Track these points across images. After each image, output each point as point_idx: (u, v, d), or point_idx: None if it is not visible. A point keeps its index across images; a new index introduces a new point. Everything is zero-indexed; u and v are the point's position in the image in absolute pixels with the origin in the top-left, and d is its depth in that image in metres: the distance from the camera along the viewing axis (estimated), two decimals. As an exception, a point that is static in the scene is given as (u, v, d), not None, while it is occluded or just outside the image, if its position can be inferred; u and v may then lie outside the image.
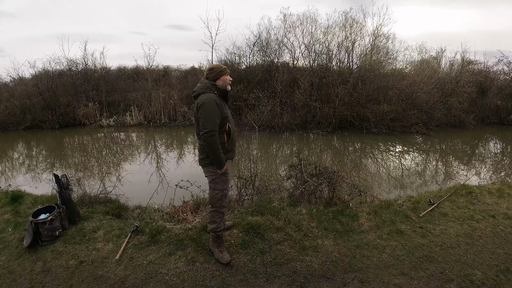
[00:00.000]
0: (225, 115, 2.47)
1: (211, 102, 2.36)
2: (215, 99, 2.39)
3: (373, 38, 12.41)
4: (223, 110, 2.47)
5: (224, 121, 2.47)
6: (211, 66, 2.57)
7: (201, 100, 2.39)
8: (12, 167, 7.48)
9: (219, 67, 2.55)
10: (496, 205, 3.86)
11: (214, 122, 2.36)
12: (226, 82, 2.56)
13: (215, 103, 2.37)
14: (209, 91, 2.44)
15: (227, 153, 2.57)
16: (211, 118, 2.35)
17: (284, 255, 2.77)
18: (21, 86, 12.53)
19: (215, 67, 2.55)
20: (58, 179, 3.48)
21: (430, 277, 2.51)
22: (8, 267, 2.63)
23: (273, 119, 10.41)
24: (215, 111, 2.36)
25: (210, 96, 2.40)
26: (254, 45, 12.48)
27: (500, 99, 12.53)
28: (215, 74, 2.52)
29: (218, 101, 2.42)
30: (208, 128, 2.34)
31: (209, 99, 2.36)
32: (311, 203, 3.85)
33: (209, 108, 2.35)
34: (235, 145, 2.70)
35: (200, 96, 2.44)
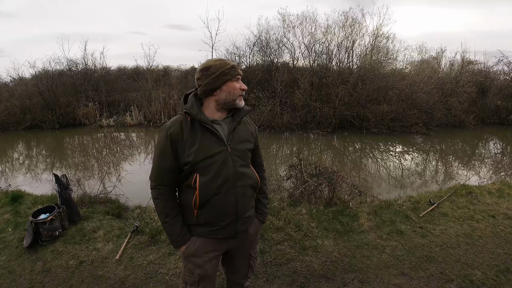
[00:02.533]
0: (187, 157, 1.32)
1: (162, 134, 1.35)
2: (168, 129, 1.33)
3: (373, 38, 12.42)
4: (185, 147, 1.33)
5: (186, 168, 1.34)
6: (206, 65, 1.36)
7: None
8: (12, 167, 7.48)
9: (220, 65, 1.35)
10: (496, 205, 3.86)
11: (157, 171, 1.38)
12: (235, 94, 1.37)
13: (164, 137, 1.33)
14: (180, 111, 1.40)
15: (198, 226, 1.42)
16: (154, 162, 1.40)
17: (284, 255, 2.77)
18: (21, 86, 12.52)
19: (213, 65, 1.35)
20: (58, 179, 3.48)
21: (430, 277, 2.50)
22: (8, 267, 2.63)
23: (273, 119, 10.41)
24: (163, 152, 1.35)
25: (170, 121, 1.38)
26: (254, 45, 12.49)
27: (500, 99, 12.53)
28: (213, 79, 1.34)
29: (172, 132, 1.33)
30: (150, 176, 1.42)
31: (162, 128, 1.38)
32: (311, 203, 3.85)
33: (157, 147, 1.39)
34: (225, 217, 1.40)
35: None
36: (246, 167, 1.44)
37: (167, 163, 1.35)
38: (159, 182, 1.38)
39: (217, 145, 1.34)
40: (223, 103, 1.38)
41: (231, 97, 1.37)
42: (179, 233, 1.39)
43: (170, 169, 1.36)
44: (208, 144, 1.33)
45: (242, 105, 1.42)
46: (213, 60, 1.37)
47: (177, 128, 1.33)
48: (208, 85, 1.35)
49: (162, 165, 1.36)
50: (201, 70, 1.36)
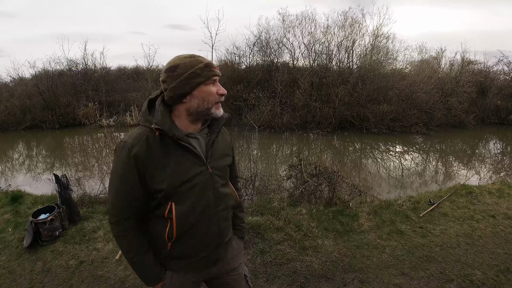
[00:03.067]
0: (159, 183, 1.05)
1: (122, 154, 1.04)
2: (131, 148, 1.02)
3: (373, 38, 12.42)
4: (156, 170, 1.05)
5: (157, 196, 1.07)
6: (173, 63, 1.05)
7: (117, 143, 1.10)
8: (12, 167, 7.48)
9: (190, 64, 1.04)
10: (496, 205, 3.86)
11: (119, 202, 1.08)
12: (210, 101, 1.09)
13: (126, 159, 1.03)
14: (144, 122, 1.09)
15: (172, 260, 1.18)
16: (112, 191, 1.09)
17: (284, 255, 2.77)
18: (21, 86, 12.52)
19: (181, 64, 1.04)
20: (58, 179, 3.48)
21: (430, 277, 2.50)
22: (8, 267, 2.63)
23: (273, 119, 10.41)
24: (125, 178, 1.05)
25: (132, 136, 1.06)
26: (254, 45, 12.50)
27: (500, 99, 12.53)
28: (180, 82, 1.04)
29: (138, 152, 1.02)
30: (108, 209, 1.17)
31: (122, 146, 1.05)
32: (311, 203, 3.85)
33: (115, 171, 1.08)
34: (206, 247, 1.18)
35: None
36: (226, 187, 1.23)
37: (132, 192, 1.05)
38: (122, 215, 1.09)
39: (196, 165, 1.09)
40: (196, 112, 1.08)
41: (205, 105, 1.07)
42: (152, 271, 1.14)
43: (136, 198, 1.07)
44: (185, 165, 1.07)
45: (220, 114, 1.12)
46: (182, 57, 1.05)
47: (143, 146, 1.02)
48: (174, 90, 1.04)
49: (125, 195, 1.06)
50: (166, 71, 1.05)
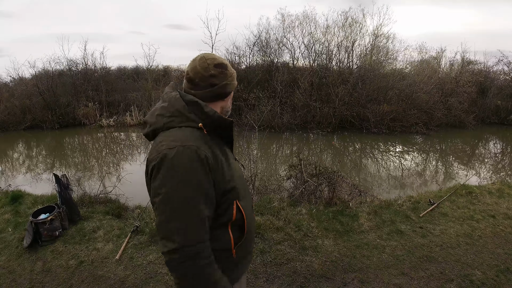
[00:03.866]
0: (228, 183, 1.00)
1: (190, 161, 0.90)
2: (198, 151, 0.92)
3: (373, 38, 12.43)
4: (223, 170, 0.98)
5: (226, 198, 1.00)
6: (222, 61, 1.07)
7: (164, 152, 0.91)
8: (12, 167, 7.48)
9: (231, 67, 1.12)
10: (496, 205, 3.86)
11: (196, 223, 0.90)
12: (228, 105, 1.15)
13: (199, 164, 0.91)
14: (186, 122, 0.98)
15: (237, 266, 1.09)
16: (185, 211, 0.89)
17: (284, 255, 2.77)
18: (21, 86, 12.52)
19: (228, 65, 1.08)
20: (58, 179, 3.48)
21: (430, 277, 2.50)
22: (8, 267, 2.63)
23: (273, 119, 10.41)
24: (202, 189, 0.91)
25: (187, 139, 0.93)
26: (254, 45, 12.50)
27: (500, 99, 12.53)
28: (231, 81, 1.09)
29: (207, 154, 0.93)
30: (179, 241, 0.88)
31: (182, 151, 0.90)
32: (311, 203, 3.85)
33: (185, 185, 0.89)
34: (252, 242, 1.20)
35: (161, 137, 0.98)
36: None
37: (210, 202, 0.93)
38: (201, 240, 0.90)
39: (235, 161, 1.16)
40: (226, 111, 1.15)
41: (230, 107, 1.18)
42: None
43: (211, 210, 0.95)
44: (232, 159, 1.10)
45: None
46: (222, 57, 1.12)
47: (206, 147, 0.94)
48: (226, 87, 1.08)
49: (203, 210, 0.90)
50: (219, 66, 1.05)
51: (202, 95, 1.05)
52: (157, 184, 0.91)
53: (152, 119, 1.03)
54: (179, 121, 0.98)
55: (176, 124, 0.98)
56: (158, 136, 1.00)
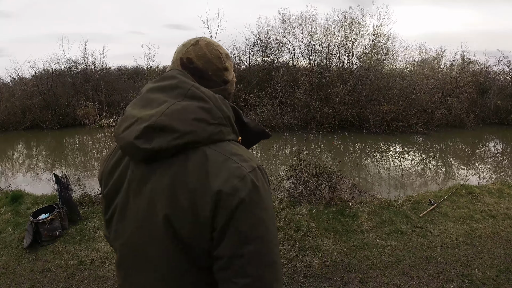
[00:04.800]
0: None
1: (268, 188, 0.70)
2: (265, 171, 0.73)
3: (373, 38, 12.43)
4: None
5: None
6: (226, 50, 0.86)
7: (250, 178, 0.64)
8: (12, 167, 7.48)
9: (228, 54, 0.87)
10: (496, 205, 3.86)
11: (279, 258, 0.71)
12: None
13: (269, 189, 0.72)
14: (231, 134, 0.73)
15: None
16: (274, 247, 0.68)
17: (284, 255, 2.77)
18: (21, 86, 12.51)
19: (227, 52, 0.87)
20: (58, 179, 3.48)
21: (430, 277, 2.50)
22: (8, 267, 2.63)
23: (273, 119, 10.41)
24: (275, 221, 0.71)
25: (252, 157, 0.71)
26: (254, 45, 12.50)
27: (500, 99, 12.53)
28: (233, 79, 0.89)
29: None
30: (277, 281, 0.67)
31: (262, 174, 0.69)
32: (311, 203, 3.85)
33: (269, 213, 0.67)
34: None
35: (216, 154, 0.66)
36: None
37: None
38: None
39: None
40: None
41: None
42: None
43: None
44: None
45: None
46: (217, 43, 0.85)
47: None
48: (233, 86, 0.89)
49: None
50: (229, 57, 0.85)
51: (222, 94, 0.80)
52: (250, 225, 0.62)
53: (186, 125, 0.64)
54: (227, 132, 0.71)
55: (224, 136, 0.70)
56: (201, 152, 0.65)
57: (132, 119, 0.68)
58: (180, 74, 0.73)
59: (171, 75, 0.72)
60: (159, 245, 0.67)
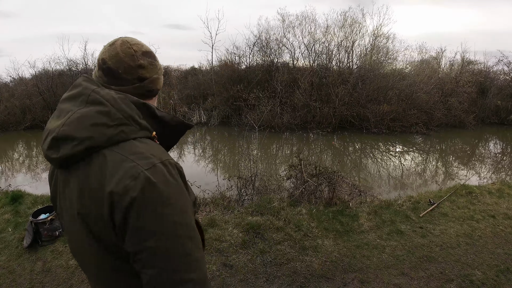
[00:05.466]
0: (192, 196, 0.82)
1: (177, 180, 0.72)
2: (178, 166, 0.75)
3: (373, 38, 12.44)
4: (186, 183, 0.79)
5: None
6: (150, 50, 0.87)
7: (145, 176, 0.66)
8: (12, 167, 7.48)
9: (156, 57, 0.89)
10: (496, 205, 3.86)
11: (201, 253, 0.72)
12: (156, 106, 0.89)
13: (183, 182, 0.75)
14: (139, 131, 0.75)
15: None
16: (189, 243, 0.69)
17: (284, 255, 2.77)
18: (21, 86, 12.51)
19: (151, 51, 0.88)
20: (58, 179, 3.48)
21: (430, 277, 2.51)
22: (8, 267, 2.63)
23: (273, 119, 10.41)
24: (192, 212, 0.75)
25: (158, 152, 0.74)
26: (254, 45, 12.50)
27: (500, 99, 12.54)
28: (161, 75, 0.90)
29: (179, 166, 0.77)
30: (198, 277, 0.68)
31: (167, 169, 0.71)
32: (311, 203, 3.85)
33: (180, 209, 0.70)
34: None
35: (114, 156, 0.69)
36: None
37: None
38: (205, 264, 0.74)
39: None
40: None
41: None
42: None
43: None
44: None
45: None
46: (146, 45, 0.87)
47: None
48: (157, 83, 0.87)
49: (197, 237, 0.73)
50: (148, 54, 0.84)
51: (127, 93, 0.79)
52: (147, 222, 0.65)
53: (83, 131, 0.68)
54: (130, 131, 0.72)
55: (127, 135, 0.72)
56: (102, 156, 0.69)
57: (46, 132, 0.74)
58: (85, 81, 0.77)
59: (77, 83, 0.78)
60: (83, 241, 0.74)
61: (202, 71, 14.20)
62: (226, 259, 2.71)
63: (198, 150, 9.34)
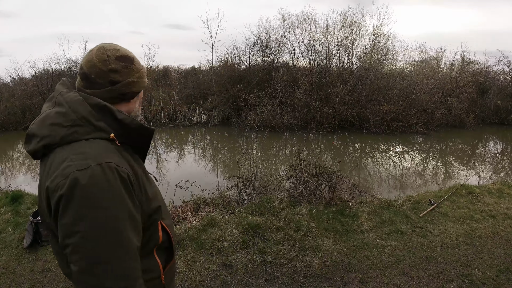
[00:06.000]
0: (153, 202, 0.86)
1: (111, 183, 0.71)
2: (119, 169, 0.74)
3: (373, 38, 12.44)
4: (146, 188, 0.84)
5: (152, 220, 0.85)
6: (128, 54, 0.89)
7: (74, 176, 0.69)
8: (12, 167, 7.48)
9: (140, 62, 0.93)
10: (496, 205, 3.86)
11: (130, 258, 0.72)
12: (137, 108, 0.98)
13: (122, 186, 0.73)
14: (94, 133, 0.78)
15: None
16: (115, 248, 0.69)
17: (284, 255, 2.77)
18: (21, 86, 12.51)
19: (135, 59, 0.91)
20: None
21: (430, 277, 2.51)
22: (8, 267, 2.63)
23: (273, 119, 10.41)
24: (125, 217, 0.72)
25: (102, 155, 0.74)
26: (254, 45, 12.50)
27: (500, 99, 12.54)
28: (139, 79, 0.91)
29: (128, 172, 0.77)
30: (116, 282, 0.69)
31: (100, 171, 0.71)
32: (311, 203, 3.85)
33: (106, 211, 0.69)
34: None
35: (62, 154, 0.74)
36: None
37: (139, 231, 0.76)
38: (136, 277, 0.73)
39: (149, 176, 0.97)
40: (135, 117, 0.94)
41: (139, 110, 0.98)
42: None
43: (140, 239, 0.77)
44: (146, 171, 0.93)
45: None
46: (128, 50, 0.90)
47: (124, 162, 0.78)
48: (132, 86, 0.88)
49: (132, 242, 0.72)
50: (122, 59, 0.85)
51: (100, 96, 0.83)
52: (70, 220, 0.67)
53: (43, 130, 0.75)
54: (84, 131, 0.76)
55: (80, 136, 0.75)
56: (55, 153, 0.74)
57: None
58: (60, 84, 0.86)
59: (56, 87, 0.86)
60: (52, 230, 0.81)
61: (202, 71, 14.20)
62: (226, 259, 2.71)
63: (198, 150, 9.34)
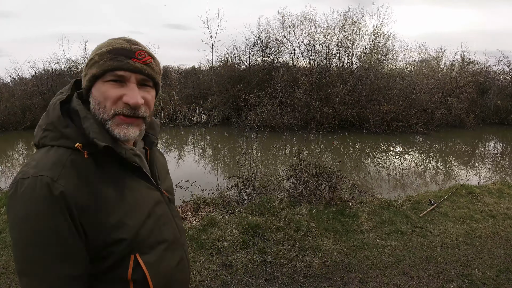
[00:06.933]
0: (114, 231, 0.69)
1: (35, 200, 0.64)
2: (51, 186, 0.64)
3: (373, 38, 12.45)
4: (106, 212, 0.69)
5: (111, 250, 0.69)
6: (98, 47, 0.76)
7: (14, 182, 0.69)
8: (12, 167, 7.48)
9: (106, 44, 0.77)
10: (496, 205, 3.86)
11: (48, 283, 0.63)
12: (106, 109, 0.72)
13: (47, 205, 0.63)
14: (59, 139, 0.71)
15: None
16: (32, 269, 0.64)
17: (284, 255, 2.77)
18: (21, 86, 12.52)
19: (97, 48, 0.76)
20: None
21: (430, 277, 2.51)
22: (8, 267, 2.63)
23: (273, 119, 10.42)
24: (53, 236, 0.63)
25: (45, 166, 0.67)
26: (254, 45, 12.51)
27: (500, 99, 12.56)
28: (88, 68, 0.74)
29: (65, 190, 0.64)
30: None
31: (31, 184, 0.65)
32: (311, 203, 3.85)
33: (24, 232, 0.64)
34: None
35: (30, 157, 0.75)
36: (179, 217, 0.94)
37: (76, 260, 0.66)
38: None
39: (150, 191, 0.80)
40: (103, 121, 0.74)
41: (100, 113, 0.72)
42: None
43: (82, 267, 0.67)
44: (139, 194, 0.76)
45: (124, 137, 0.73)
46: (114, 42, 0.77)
47: (71, 178, 0.66)
48: (84, 81, 0.76)
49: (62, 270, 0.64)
50: (92, 53, 0.76)
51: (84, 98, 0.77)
52: (8, 221, 0.68)
53: (37, 130, 0.76)
54: (52, 137, 0.70)
55: (48, 141, 0.70)
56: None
57: None
58: (68, 84, 0.83)
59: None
60: None
61: (202, 71, 14.21)
62: (226, 259, 2.71)
63: (198, 150, 9.34)
